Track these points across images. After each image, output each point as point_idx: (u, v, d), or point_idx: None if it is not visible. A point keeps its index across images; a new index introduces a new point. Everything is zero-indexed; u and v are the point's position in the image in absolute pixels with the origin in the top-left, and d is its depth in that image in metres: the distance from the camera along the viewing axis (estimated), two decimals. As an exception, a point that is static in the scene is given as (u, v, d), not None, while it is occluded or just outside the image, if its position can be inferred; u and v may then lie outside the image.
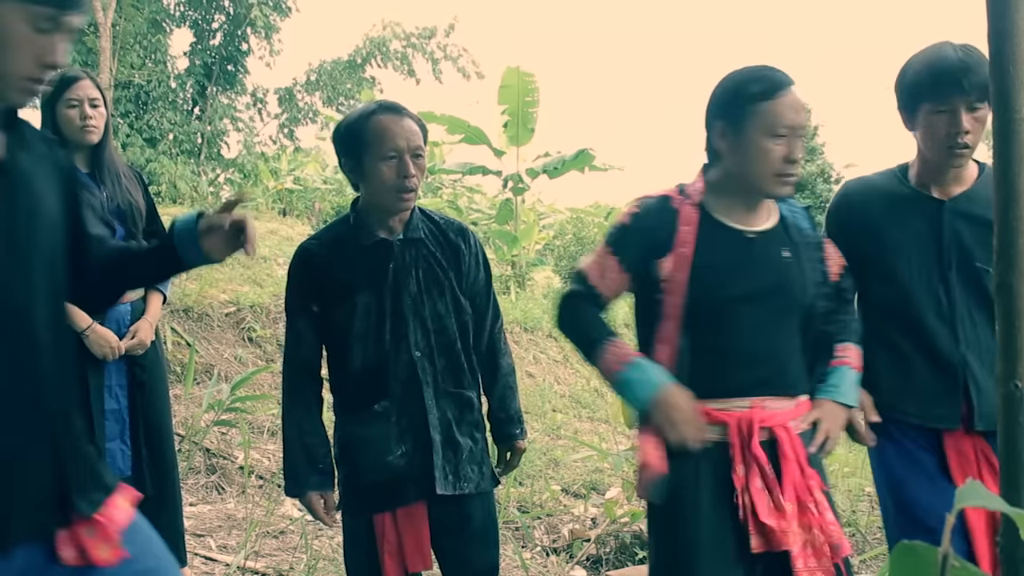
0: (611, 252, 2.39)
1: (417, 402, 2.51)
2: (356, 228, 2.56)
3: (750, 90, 2.25)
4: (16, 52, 1.64)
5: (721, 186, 2.36)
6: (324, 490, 2.54)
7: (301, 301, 2.56)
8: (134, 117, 18.32)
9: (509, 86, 13.62)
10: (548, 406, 8.84)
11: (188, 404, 6.23)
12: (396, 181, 2.45)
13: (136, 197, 3.50)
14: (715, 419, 2.25)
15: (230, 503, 4.99)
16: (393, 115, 2.49)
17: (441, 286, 2.57)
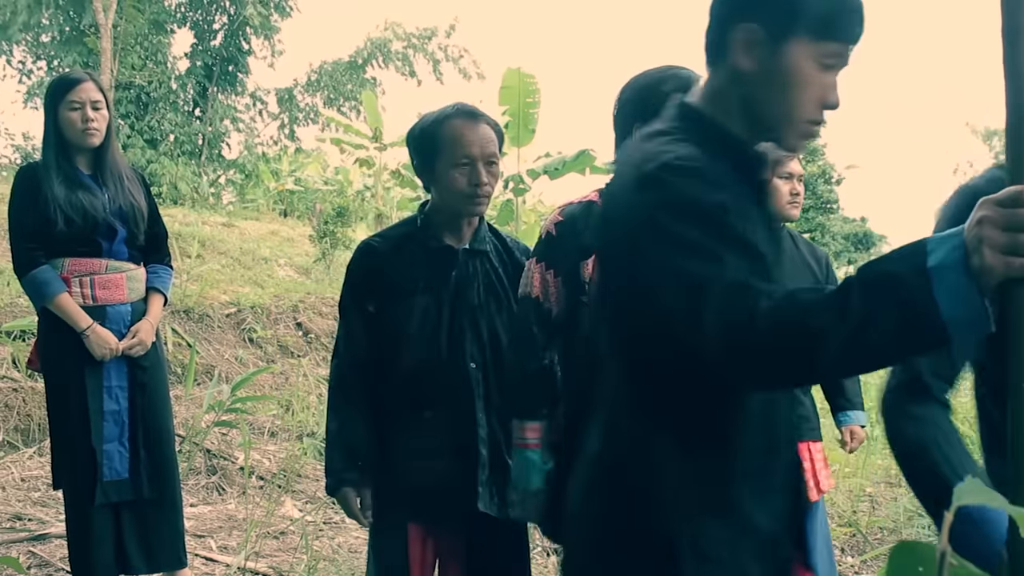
0: (546, 266, 2.36)
1: (468, 414, 2.43)
2: (423, 231, 2.51)
3: (666, 88, 2.26)
4: (806, 93, 1.51)
5: None
6: (361, 488, 2.45)
7: (357, 298, 2.49)
8: (135, 118, 18.33)
9: (510, 87, 13.62)
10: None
11: (189, 405, 6.21)
12: (468, 188, 2.41)
13: (138, 199, 3.50)
14: None
15: (231, 504, 4.98)
16: (469, 120, 2.44)
17: (500, 302, 2.52)
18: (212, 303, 8.11)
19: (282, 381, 7.49)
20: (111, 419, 3.33)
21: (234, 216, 17.30)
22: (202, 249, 11.19)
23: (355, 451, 2.44)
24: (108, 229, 3.37)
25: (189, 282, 8.74)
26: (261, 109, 21.25)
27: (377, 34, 21.80)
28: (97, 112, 3.37)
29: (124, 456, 3.35)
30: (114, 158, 3.49)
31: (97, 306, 3.35)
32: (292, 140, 21.77)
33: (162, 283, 3.62)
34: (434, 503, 2.42)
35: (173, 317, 7.43)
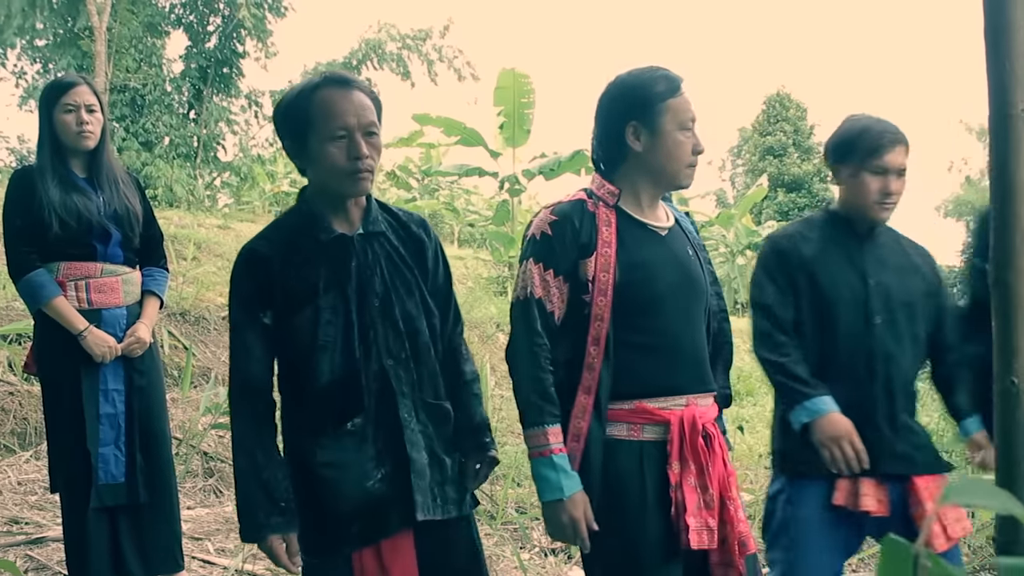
0: (544, 266, 2.34)
1: (392, 417, 2.21)
2: (309, 221, 2.23)
3: (657, 89, 2.35)
4: None
5: (632, 185, 2.41)
6: (287, 532, 2.16)
7: (249, 312, 2.20)
8: (130, 121, 18.31)
9: (505, 87, 13.62)
10: (546, 407, 8.82)
11: (185, 407, 6.21)
12: (347, 163, 2.14)
13: (133, 202, 3.51)
14: (657, 418, 2.30)
15: (228, 506, 4.98)
16: (340, 88, 2.18)
17: (408, 284, 2.29)
18: (208, 305, 8.11)
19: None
20: (107, 422, 3.34)
21: (230, 218, 17.30)
22: (198, 251, 11.18)
23: (274, 489, 2.15)
24: (102, 232, 3.38)
25: (185, 285, 8.75)
26: (256, 111, 21.22)
27: (371, 35, 21.78)
28: (92, 115, 3.39)
29: (120, 460, 3.35)
30: (109, 161, 3.50)
31: (92, 310, 3.36)
32: (287, 142, 21.74)
33: (158, 286, 3.63)
34: (375, 522, 2.20)
35: (169, 320, 7.43)
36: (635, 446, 2.30)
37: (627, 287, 2.30)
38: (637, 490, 2.27)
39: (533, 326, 2.32)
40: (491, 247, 15.48)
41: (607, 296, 2.29)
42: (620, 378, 2.30)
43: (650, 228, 2.40)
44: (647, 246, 2.37)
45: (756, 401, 10.71)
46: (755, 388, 10.56)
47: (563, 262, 2.33)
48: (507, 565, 4.32)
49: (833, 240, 2.79)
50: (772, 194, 30.63)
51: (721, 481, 2.31)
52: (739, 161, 41.74)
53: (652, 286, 2.32)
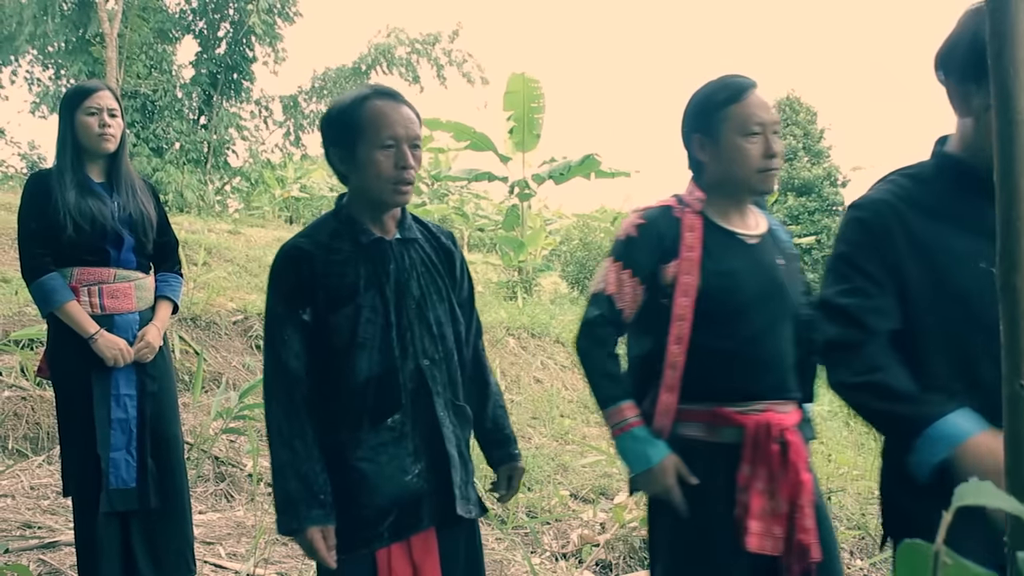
0: (623, 266, 2.40)
1: (428, 415, 2.28)
2: (349, 226, 2.30)
3: (717, 98, 2.37)
4: None
5: (713, 194, 2.43)
6: (326, 524, 2.17)
7: (290, 306, 2.24)
8: (140, 127, 18.40)
9: (514, 92, 13.65)
10: (556, 411, 8.83)
11: (196, 412, 6.23)
12: (394, 172, 2.23)
13: (148, 208, 3.53)
14: (733, 422, 2.30)
15: (239, 511, 5.00)
16: (390, 101, 2.27)
17: (440, 291, 2.37)
18: (219, 310, 8.13)
19: (289, 388, 7.49)
20: (118, 427, 3.35)
21: (240, 223, 17.35)
22: (208, 257, 11.22)
23: (314, 482, 2.17)
24: (116, 237, 3.40)
25: (196, 290, 8.77)
26: (266, 117, 21.28)
27: (380, 40, 21.82)
28: (113, 119, 3.43)
29: (131, 465, 3.36)
30: (126, 167, 3.54)
31: (105, 315, 3.38)
32: (297, 147, 21.79)
33: (172, 290, 3.65)
34: (408, 518, 2.25)
35: (180, 325, 7.45)
36: (710, 447, 2.32)
37: (710, 294, 2.32)
38: (708, 489, 2.30)
39: (601, 317, 2.41)
40: (501, 252, 15.49)
41: (690, 297, 2.32)
42: (699, 380, 2.32)
43: (737, 236, 2.41)
44: (732, 254, 2.38)
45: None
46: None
47: (642, 265, 2.38)
48: (518, 570, 4.33)
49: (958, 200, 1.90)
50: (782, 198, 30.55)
51: (793, 489, 2.29)
52: (749, 165, 41.54)
53: (735, 295, 2.32)
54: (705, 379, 2.31)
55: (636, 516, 4.69)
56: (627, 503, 5.00)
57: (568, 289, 15.55)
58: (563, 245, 17.37)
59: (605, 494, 5.78)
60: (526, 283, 14.35)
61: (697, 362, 2.31)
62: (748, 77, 2.40)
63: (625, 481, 5.87)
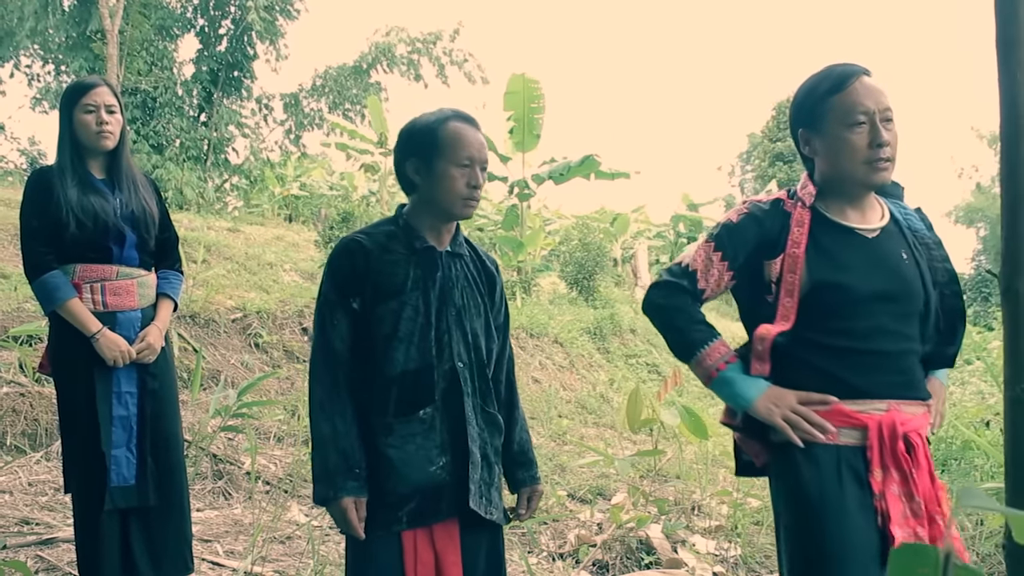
0: (716, 249, 2.33)
1: (457, 412, 2.43)
2: (406, 232, 2.49)
3: (819, 89, 2.27)
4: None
5: (825, 189, 2.33)
6: (360, 496, 2.34)
7: (342, 294, 2.43)
8: (141, 123, 18.41)
9: (515, 92, 13.66)
10: (554, 412, 8.85)
11: (195, 410, 6.24)
12: (466, 190, 2.43)
13: (150, 204, 3.52)
14: (853, 421, 2.19)
15: (237, 508, 5.00)
16: (469, 124, 2.49)
17: (479, 307, 2.54)
18: (218, 308, 8.14)
19: (288, 386, 7.52)
20: (120, 424, 3.35)
21: (239, 221, 17.37)
22: (208, 254, 11.24)
23: (351, 457, 2.34)
24: (118, 234, 3.39)
25: (195, 287, 8.79)
26: (266, 115, 21.29)
27: (381, 39, 21.83)
28: (111, 116, 3.42)
29: (132, 462, 3.36)
30: (127, 163, 3.52)
31: (108, 312, 3.37)
32: (297, 145, 21.81)
33: (172, 288, 3.65)
34: (430, 506, 2.39)
35: (179, 322, 7.46)
36: (831, 450, 2.19)
37: (819, 291, 2.22)
38: (836, 496, 2.15)
39: (680, 285, 2.35)
40: (500, 251, 15.48)
41: (794, 297, 2.23)
42: (813, 379, 2.22)
43: (854, 231, 2.29)
44: (847, 250, 2.27)
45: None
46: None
47: (736, 253, 2.32)
48: (515, 569, 4.33)
49: None
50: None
51: (927, 495, 2.16)
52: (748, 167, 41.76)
53: (849, 291, 2.21)
54: (819, 376, 2.22)
55: (633, 516, 4.70)
56: (624, 504, 5.01)
57: (567, 289, 15.55)
58: (562, 245, 17.37)
59: (603, 494, 5.79)
60: (525, 283, 14.35)
61: (806, 355, 2.23)
62: (856, 64, 2.27)
63: (621, 481, 5.89)
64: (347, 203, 17.98)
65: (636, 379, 11.26)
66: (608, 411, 9.68)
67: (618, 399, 10.03)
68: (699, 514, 5.33)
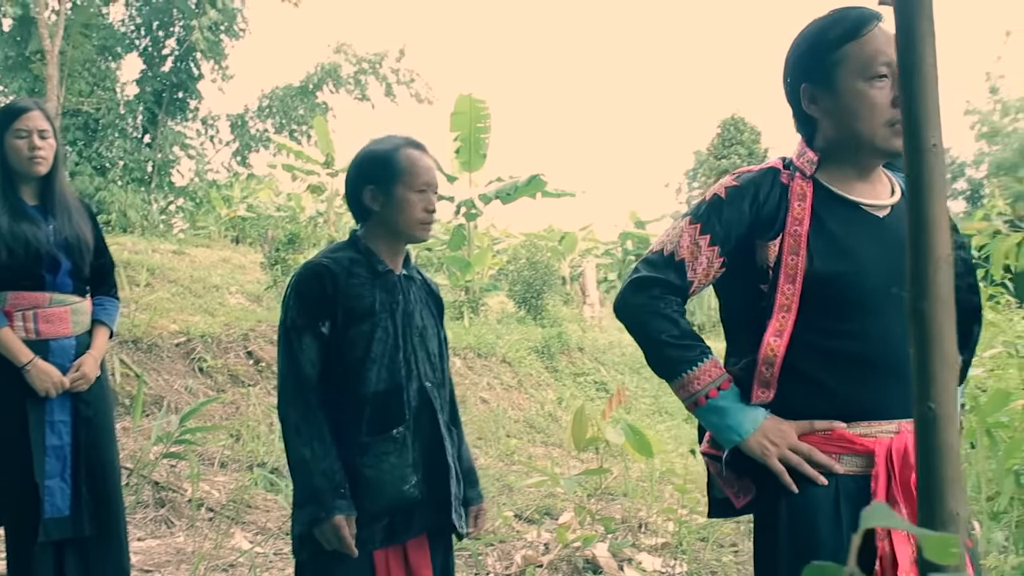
0: (704, 231, 1.98)
1: (429, 430, 2.51)
2: (366, 256, 2.54)
3: (830, 35, 1.91)
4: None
5: (828, 156, 1.98)
6: (350, 514, 2.34)
7: (310, 318, 2.44)
8: (83, 145, 18.16)
9: (461, 113, 13.72)
10: (502, 431, 8.85)
11: (137, 437, 6.15)
12: (423, 214, 2.52)
13: (85, 231, 3.47)
14: (858, 447, 1.87)
15: (179, 537, 4.93)
16: (421, 151, 2.58)
17: (434, 327, 2.65)
18: (161, 332, 8.04)
19: (232, 410, 7.44)
20: (53, 454, 3.29)
21: (185, 244, 17.20)
22: (151, 277, 11.10)
23: (335, 476, 2.35)
24: (52, 261, 3.33)
25: (138, 311, 8.67)
26: (212, 135, 21.13)
27: (327, 58, 21.79)
28: (44, 141, 3.35)
29: (66, 492, 3.30)
30: (61, 189, 3.46)
31: (40, 340, 3.31)
32: (244, 166, 21.66)
33: (108, 315, 3.59)
34: (404, 523, 2.45)
35: (121, 347, 7.36)
36: (830, 481, 1.87)
37: (821, 280, 1.89)
38: (832, 536, 1.83)
39: (662, 281, 2.00)
40: (447, 271, 15.48)
41: (796, 284, 1.89)
42: (812, 397, 1.90)
43: (861, 208, 1.95)
44: (853, 230, 1.93)
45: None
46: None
47: (727, 234, 1.97)
48: (461, 591, 4.31)
49: None
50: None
51: None
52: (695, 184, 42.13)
53: (855, 282, 1.88)
54: (816, 390, 1.89)
55: (579, 536, 4.71)
56: (571, 523, 5.01)
57: (515, 309, 15.57)
58: (510, 264, 17.40)
59: (550, 514, 5.79)
60: (472, 303, 14.35)
61: (806, 366, 1.90)
62: (870, 8, 1.89)
63: (568, 500, 5.90)
64: (294, 224, 17.87)
65: (584, 397, 11.30)
66: (556, 430, 9.70)
67: (566, 418, 10.05)
68: (645, 532, 5.36)
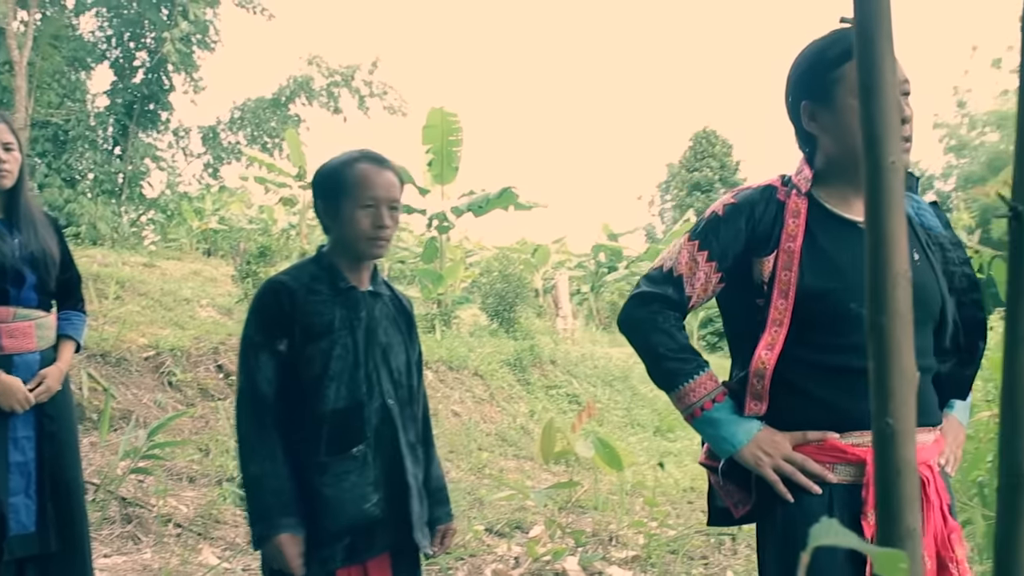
0: (702, 248, 2.05)
1: (392, 449, 2.47)
2: (328, 273, 2.51)
3: (829, 55, 1.97)
4: None
5: (827, 174, 2.04)
6: (297, 533, 2.32)
7: (268, 335, 2.43)
8: (52, 157, 18.00)
9: (433, 126, 13.73)
10: (474, 444, 8.83)
11: (104, 452, 6.09)
12: (371, 230, 2.44)
13: (51, 245, 3.43)
14: (850, 456, 1.91)
15: (146, 553, 4.88)
16: (375, 165, 2.50)
17: (401, 344, 2.60)
18: (130, 346, 7.96)
19: (202, 425, 7.38)
20: (17, 471, 3.24)
21: (156, 256, 17.08)
22: (121, 290, 11.00)
23: (285, 496, 2.34)
24: (16, 275, 3.29)
25: (106, 325, 8.58)
26: (184, 147, 21.01)
27: (300, 70, 21.73)
28: (9, 153, 3.31)
29: (31, 509, 3.26)
30: (26, 202, 3.42)
31: (4, 356, 3.27)
32: (215, 178, 21.54)
33: (74, 329, 3.56)
34: (365, 542, 2.42)
35: (89, 361, 7.28)
36: (824, 490, 1.92)
37: (812, 296, 1.94)
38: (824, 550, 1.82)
39: (662, 297, 2.08)
40: (420, 284, 15.46)
41: (788, 299, 1.95)
42: (804, 408, 1.95)
43: (857, 226, 1.97)
44: (846, 247, 1.95)
45: (685, 435, 10.81)
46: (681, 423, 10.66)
47: (724, 251, 2.04)
48: (431, 606, 4.29)
49: None
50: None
51: (939, 538, 1.89)
52: (667, 196, 42.40)
53: (845, 298, 1.91)
54: (808, 400, 1.94)
55: (549, 549, 4.70)
56: (541, 537, 5.01)
57: (488, 321, 15.57)
58: (483, 277, 17.40)
59: (520, 527, 5.78)
60: (444, 316, 14.34)
61: (797, 379, 1.95)
62: None
63: (539, 514, 5.89)
64: (266, 237, 17.79)
65: (556, 410, 11.31)
66: (528, 443, 9.69)
67: (538, 431, 10.03)
68: (616, 544, 5.36)
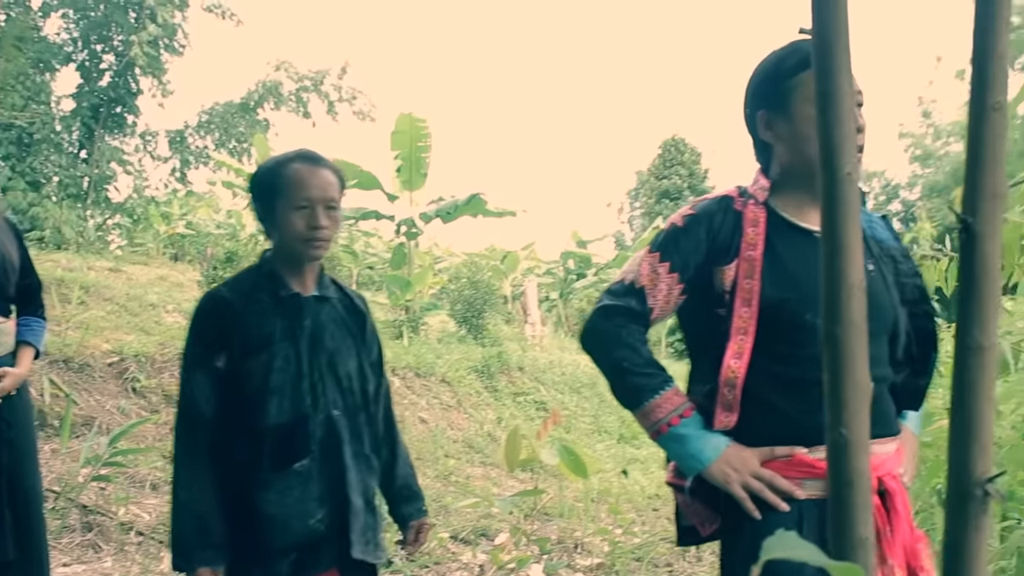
0: (663, 259, 2.03)
1: (336, 462, 2.40)
2: (270, 279, 2.44)
3: (786, 64, 1.99)
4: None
5: (783, 183, 2.05)
6: (216, 566, 2.27)
7: (206, 352, 2.37)
8: (16, 160, 17.79)
9: (402, 132, 13.70)
10: (440, 451, 8.81)
11: (65, 459, 6.01)
12: (306, 232, 2.37)
13: (10, 250, 3.40)
14: (817, 471, 1.86)
15: (107, 562, 4.82)
16: (309, 164, 2.42)
17: (351, 349, 2.51)
18: (93, 352, 7.87)
19: (165, 431, 7.29)
20: (-27, 478, 3.20)
21: (122, 261, 16.90)
22: (85, 295, 10.87)
23: (207, 524, 2.28)
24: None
25: (69, 329, 8.48)
26: (151, 151, 20.81)
27: (268, 75, 21.60)
28: None
29: (-12, 516, 3.22)
30: None
31: (-38, 361, 3.24)
32: (183, 183, 21.36)
33: (34, 336, 3.52)
34: (309, 559, 2.37)
35: (51, 367, 7.20)
36: (792, 506, 1.88)
37: (771, 305, 1.93)
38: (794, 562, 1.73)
39: (625, 309, 2.04)
40: (388, 291, 15.41)
41: (752, 307, 1.93)
42: (769, 421, 1.92)
43: (813, 235, 1.98)
44: (802, 256, 1.97)
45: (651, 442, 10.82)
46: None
47: (685, 262, 2.03)
48: (395, 615, 4.27)
49: None
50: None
51: (907, 549, 1.88)
52: (636, 204, 42.55)
53: (801, 308, 1.90)
54: (774, 414, 1.92)
55: (514, 557, 4.69)
56: (506, 545, 4.99)
57: (456, 328, 15.54)
58: (451, 283, 17.36)
59: (486, 535, 5.77)
60: (412, 322, 14.29)
61: (761, 390, 1.92)
62: None
63: (505, 522, 5.88)
64: (234, 242, 17.66)
65: (524, 417, 11.30)
66: (495, 450, 9.66)
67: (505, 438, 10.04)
68: (581, 552, 5.35)
